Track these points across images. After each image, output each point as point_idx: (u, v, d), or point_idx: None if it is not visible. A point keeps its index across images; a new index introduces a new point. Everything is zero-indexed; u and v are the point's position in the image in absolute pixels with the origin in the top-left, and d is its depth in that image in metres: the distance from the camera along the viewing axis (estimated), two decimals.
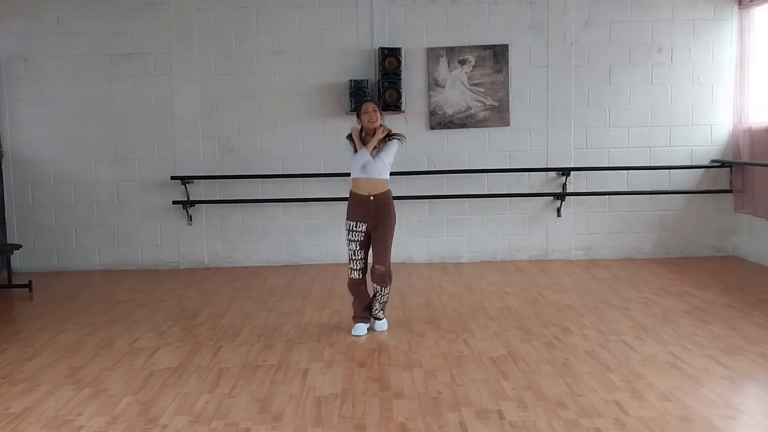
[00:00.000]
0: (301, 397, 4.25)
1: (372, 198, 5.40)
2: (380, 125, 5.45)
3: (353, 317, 5.62)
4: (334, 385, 4.43)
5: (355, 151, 5.42)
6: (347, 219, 5.49)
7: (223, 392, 4.35)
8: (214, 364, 4.87)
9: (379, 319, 5.62)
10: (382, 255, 5.45)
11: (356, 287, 5.57)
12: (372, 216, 5.40)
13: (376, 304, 5.59)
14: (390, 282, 5.56)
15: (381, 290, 5.51)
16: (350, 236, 5.47)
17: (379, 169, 5.39)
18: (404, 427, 3.79)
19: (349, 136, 5.52)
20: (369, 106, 5.45)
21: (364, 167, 5.38)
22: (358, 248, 5.47)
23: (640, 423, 3.77)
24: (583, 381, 4.39)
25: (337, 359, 4.92)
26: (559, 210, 8.28)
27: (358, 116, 5.51)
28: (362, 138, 5.46)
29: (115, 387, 4.48)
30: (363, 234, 5.44)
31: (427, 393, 4.26)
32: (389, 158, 5.45)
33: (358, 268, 5.51)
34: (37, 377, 4.69)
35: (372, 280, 5.51)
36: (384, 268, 5.45)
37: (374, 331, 5.56)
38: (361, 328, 5.51)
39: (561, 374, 4.52)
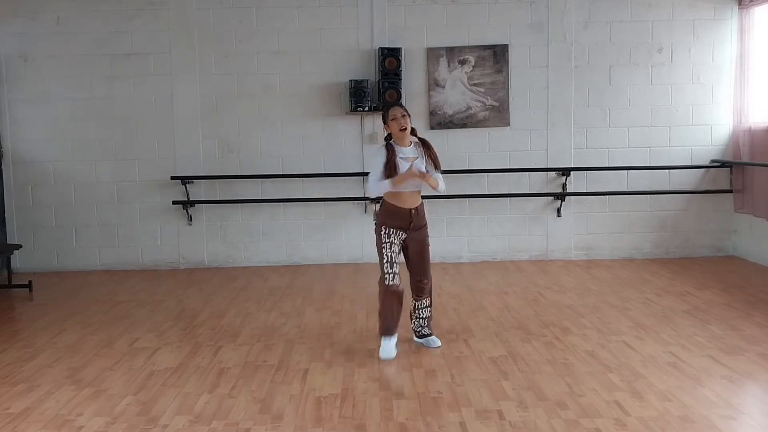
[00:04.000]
0: (301, 397, 4.25)
1: (413, 211, 4.94)
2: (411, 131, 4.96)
3: (385, 334, 4.95)
4: (334, 385, 4.43)
5: (389, 172, 4.81)
6: (384, 225, 4.92)
7: (223, 392, 4.35)
8: (214, 364, 4.87)
9: (428, 335, 5.16)
10: (427, 269, 5.06)
11: (397, 295, 4.93)
12: (410, 228, 4.94)
13: (419, 321, 5.15)
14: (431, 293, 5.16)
15: (422, 301, 5.10)
16: (389, 238, 4.91)
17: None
18: (404, 427, 3.79)
19: (387, 147, 4.90)
20: (397, 111, 4.92)
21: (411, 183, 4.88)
22: (398, 251, 4.95)
23: (640, 423, 3.77)
24: (583, 381, 4.39)
25: (337, 359, 4.92)
26: (559, 210, 8.28)
27: (385, 122, 4.96)
28: (391, 146, 4.90)
29: (115, 387, 4.48)
30: (402, 241, 4.96)
31: (427, 393, 4.26)
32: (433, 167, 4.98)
33: (397, 271, 4.92)
34: (37, 377, 4.69)
35: (414, 295, 5.10)
36: (429, 281, 5.09)
37: (429, 347, 5.10)
38: (391, 349, 4.93)
39: (561, 374, 4.52)
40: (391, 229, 4.91)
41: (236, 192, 8.25)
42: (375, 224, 5.05)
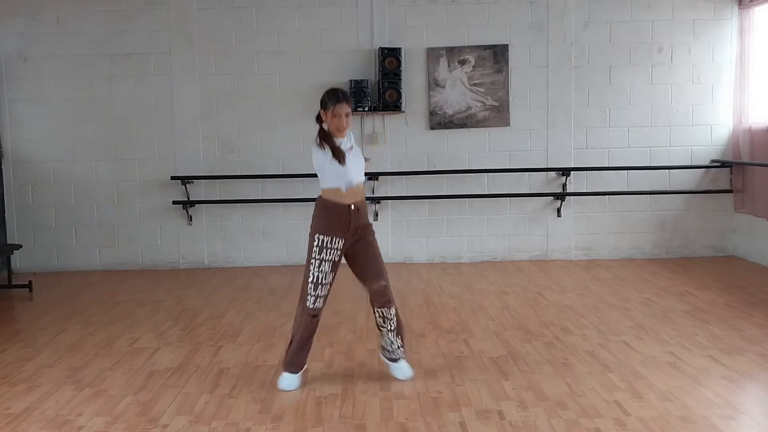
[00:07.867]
0: (301, 397, 4.25)
1: (354, 208, 4.35)
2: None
3: (290, 365, 4.39)
4: (334, 385, 4.43)
5: (339, 160, 4.35)
6: (319, 234, 4.31)
7: (223, 392, 4.35)
8: (214, 364, 4.87)
9: (397, 360, 4.49)
10: (381, 267, 4.42)
11: (315, 322, 4.39)
12: (352, 229, 4.34)
13: (388, 336, 4.45)
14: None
15: (389, 311, 4.42)
16: (324, 254, 4.28)
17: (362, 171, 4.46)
18: (404, 427, 3.79)
19: (324, 140, 4.45)
20: (343, 110, 4.35)
21: (353, 177, 4.37)
22: (330, 269, 4.30)
23: (640, 423, 3.77)
24: (583, 381, 4.39)
25: (337, 359, 4.92)
26: (559, 210, 8.28)
27: (325, 107, 4.41)
28: (333, 143, 4.42)
29: (115, 387, 4.48)
30: (339, 252, 4.33)
31: (427, 393, 4.26)
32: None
33: (324, 294, 4.34)
34: (37, 377, 4.69)
35: (375, 304, 4.43)
36: (386, 282, 4.41)
37: (397, 378, 4.46)
38: (294, 380, 4.38)
39: (561, 374, 4.52)
40: (326, 239, 4.29)
41: (236, 192, 8.25)
42: (311, 229, 4.42)
